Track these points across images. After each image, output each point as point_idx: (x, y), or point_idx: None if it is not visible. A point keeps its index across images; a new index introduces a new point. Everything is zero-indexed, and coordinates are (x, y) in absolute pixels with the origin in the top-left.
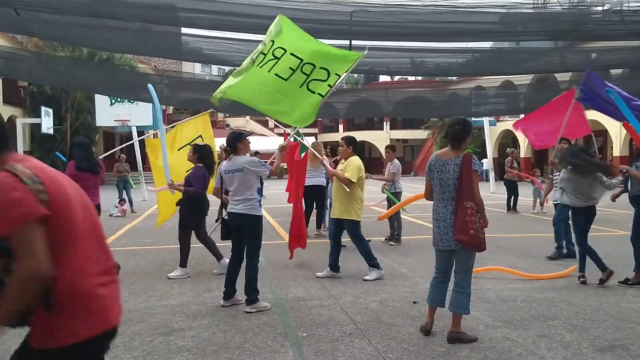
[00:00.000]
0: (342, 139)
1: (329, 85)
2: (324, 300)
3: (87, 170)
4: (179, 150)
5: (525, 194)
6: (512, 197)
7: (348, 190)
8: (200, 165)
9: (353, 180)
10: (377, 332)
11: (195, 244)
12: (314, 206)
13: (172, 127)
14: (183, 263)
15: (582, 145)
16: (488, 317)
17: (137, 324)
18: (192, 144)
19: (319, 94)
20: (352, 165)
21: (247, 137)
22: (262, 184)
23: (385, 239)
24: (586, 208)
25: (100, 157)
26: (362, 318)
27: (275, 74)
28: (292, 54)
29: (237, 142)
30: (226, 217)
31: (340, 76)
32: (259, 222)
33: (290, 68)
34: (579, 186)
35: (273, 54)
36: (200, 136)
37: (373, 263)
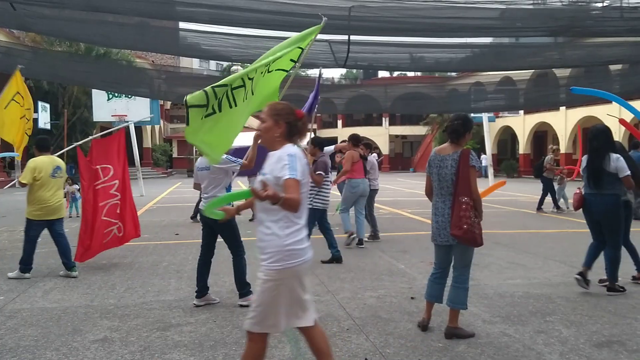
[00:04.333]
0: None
1: (292, 60)
2: (322, 295)
3: None
4: (5, 108)
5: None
6: (546, 196)
7: None
8: None
9: (24, 181)
10: (375, 328)
11: (194, 240)
12: None
13: None
14: None
15: None
16: (486, 312)
17: (134, 319)
18: (13, 99)
19: (281, 69)
20: (26, 167)
21: None
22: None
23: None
24: None
25: None
26: (360, 313)
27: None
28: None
29: None
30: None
31: (303, 49)
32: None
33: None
34: None
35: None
36: (18, 93)
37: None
